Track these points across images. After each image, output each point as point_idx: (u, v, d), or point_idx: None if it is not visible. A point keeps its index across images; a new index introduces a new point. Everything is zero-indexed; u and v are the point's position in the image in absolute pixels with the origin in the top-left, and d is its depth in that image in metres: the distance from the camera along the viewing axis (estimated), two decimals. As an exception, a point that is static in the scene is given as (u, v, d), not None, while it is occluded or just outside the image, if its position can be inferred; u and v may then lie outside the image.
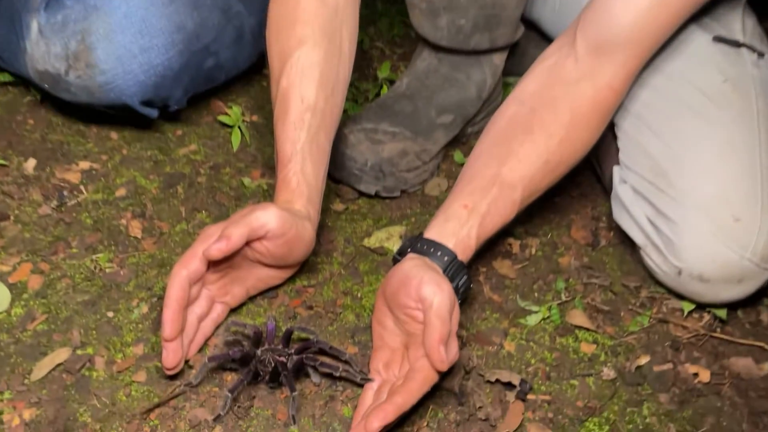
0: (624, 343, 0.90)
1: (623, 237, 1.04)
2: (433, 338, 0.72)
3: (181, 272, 0.77)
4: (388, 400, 0.70)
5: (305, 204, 0.86)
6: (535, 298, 0.95)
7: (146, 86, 1.03)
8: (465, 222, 0.82)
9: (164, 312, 0.75)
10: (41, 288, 0.88)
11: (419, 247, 0.82)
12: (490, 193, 0.83)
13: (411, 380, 0.72)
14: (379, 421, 0.68)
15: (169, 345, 0.75)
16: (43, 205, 1.00)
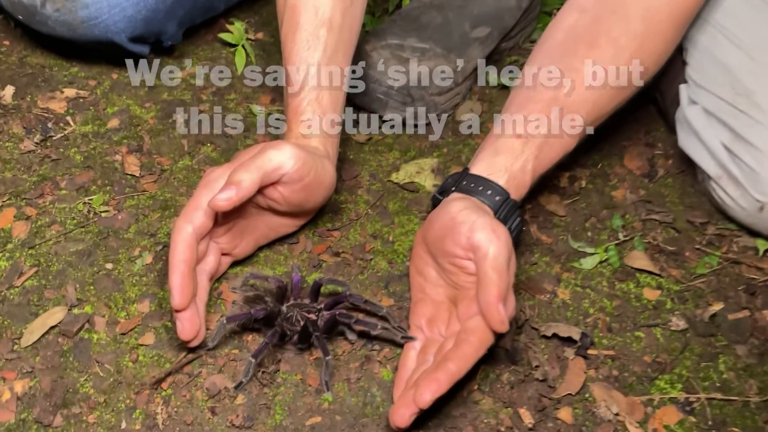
0: (692, 288, 0.79)
1: (685, 166, 0.92)
2: (490, 294, 0.61)
3: (185, 228, 0.65)
4: (439, 368, 0.60)
5: (323, 140, 0.74)
6: (589, 238, 0.84)
7: (135, 21, 0.89)
8: (519, 154, 0.70)
9: (171, 277, 0.64)
10: (28, 236, 0.77)
11: (465, 185, 0.70)
12: (548, 120, 0.71)
13: (464, 343, 0.62)
14: (431, 393, 0.59)
15: (182, 315, 0.64)
16: (24, 139, 0.87)
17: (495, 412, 0.67)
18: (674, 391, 0.70)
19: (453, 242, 0.65)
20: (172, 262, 0.64)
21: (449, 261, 0.66)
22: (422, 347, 0.67)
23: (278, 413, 0.65)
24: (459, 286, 0.66)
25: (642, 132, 0.97)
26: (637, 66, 0.73)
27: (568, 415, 0.67)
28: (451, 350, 0.62)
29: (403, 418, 0.58)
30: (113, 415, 0.63)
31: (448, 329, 0.66)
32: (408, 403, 0.59)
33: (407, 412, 0.59)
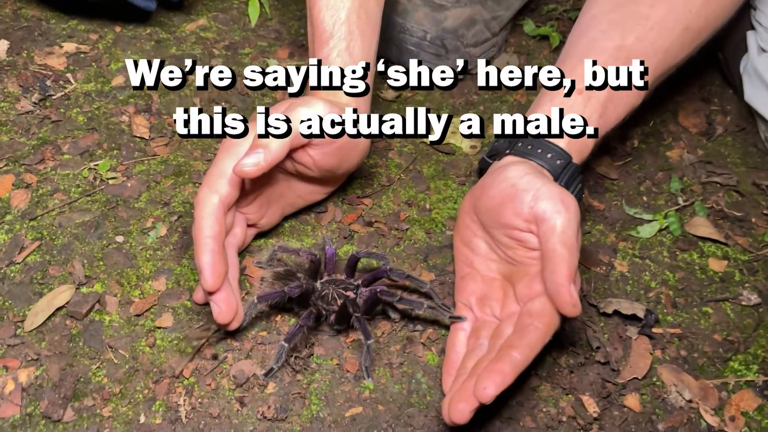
0: (762, 257, 0.72)
1: (745, 122, 0.84)
2: (560, 274, 0.54)
3: (210, 199, 0.58)
4: (503, 358, 0.53)
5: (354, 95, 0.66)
6: (645, 203, 0.76)
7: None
8: (581, 113, 0.62)
9: (200, 256, 0.56)
10: (28, 207, 0.69)
11: (522, 147, 0.62)
12: (614, 72, 0.63)
13: (529, 329, 0.55)
14: (495, 387, 0.51)
15: (217, 296, 0.57)
16: (21, 99, 0.79)
17: (555, 399, 0.60)
18: (750, 374, 0.63)
19: (513, 212, 0.57)
20: (200, 239, 0.56)
21: (506, 233, 0.59)
22: (473, 329, 0.60)
23: (314, 403, 0.58)
24: (516, 261, 0.59)
25: (696, 86, 0.89)
26: (711, 10, 0.64)
27: (636, 402, 0.60)
28: (515, 337, 0.55)
29: (462, 414, 0.51)
30: (130, 407, 0.56)
31: (503, 310, 0.59)
32: (467, 397, 0.52)
33: (467, 407, 0.52)
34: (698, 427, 0.59)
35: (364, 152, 0.68)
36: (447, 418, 0.53)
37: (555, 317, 0.55)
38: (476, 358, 0.56)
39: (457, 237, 0.64)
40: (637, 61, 0.63)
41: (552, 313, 0.55)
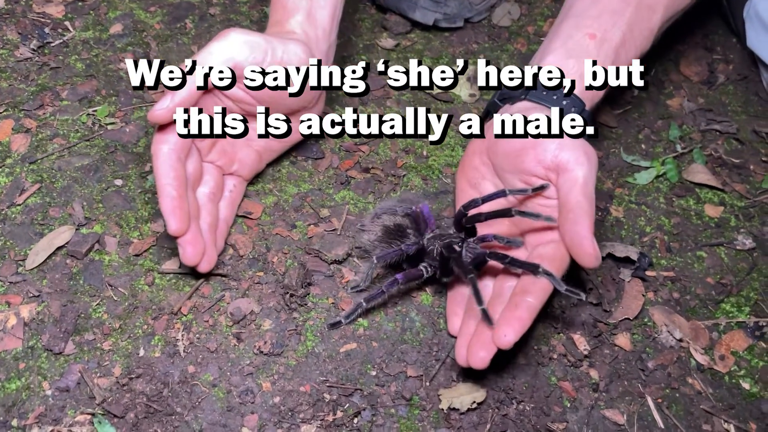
0: (758, 203, 0.72)
1: (747, 70, 0.83)
2: (582, 226, 0.53)
3: (161, 149, 0.58)
4: (520, 305, 0.53)
5: (303, 21, 0.64)
6: (643, 150, 0.76)
7: None
8: (594, 57, 0.60)
9: (161, 203, 0.56)
10: (28, 151, 0.70)
11: (537, 92, 0.60)
12: (624, 17, 0.61)
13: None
14: (515, 333, 0.51)
15: (183, 240, 0.57)
16: (20, 46, 0.79)
17: (546, 338, 0.61)
18: (742, 315, 0.64)
19: (535, 159, 0.56)
20: (159, 187, 0.57)
21: (523, 179, 0.58)
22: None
23: (309, 339, 0.59)
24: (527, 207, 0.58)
25: (699, 35, 0.88)
26: None
27: (627, 342, 0.61)
28: (528, 281, 0.54)
29: (483, 361, 0.52)
30: (130, 341, 0.58)
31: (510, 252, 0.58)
32: (486, 344, 0.52)
33: (487, 354, 0.52)
34: (688, 365, 0.60)
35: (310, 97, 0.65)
36: (464, 362, 0.53)
37: (566, 262, 0.55)
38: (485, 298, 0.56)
39: (462, 178, 0.64)
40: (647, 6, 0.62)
41: (564, 258, 0.55)
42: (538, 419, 0.56)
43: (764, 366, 0.60)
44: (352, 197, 0.70)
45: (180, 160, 0.58)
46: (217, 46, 0.58)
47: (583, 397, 0.58)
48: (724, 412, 0.58)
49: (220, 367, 0.57)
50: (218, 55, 0.58)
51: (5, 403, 0.54)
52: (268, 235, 0.66)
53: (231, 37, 0.59)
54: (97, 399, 0.54)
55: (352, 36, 0.86)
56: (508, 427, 0.55)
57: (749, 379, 0.60)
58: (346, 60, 0.83)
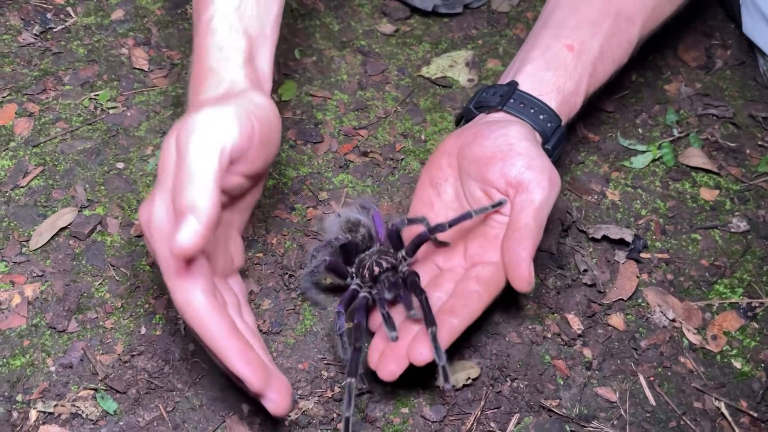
0: (754, 187, 0.73)
1: (744, 56, 0.84)
2: (525, 248, 0.52)
3: (196, 300, 0.46)
4: (442, 324, 0.51)
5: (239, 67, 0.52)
6: (640, 135, 0.77)
7: None
8: (572, 71, 0.60)
9: (236, 367, 0.46)
10: (31, 134, 0.71)
11: (514, 104, 0.59)
12: (603, 29, 0.61)
13: (473, 297, 0.54)
14: (430, 352, 0.50)
15: (269, 393, 0.47)
16: (23, 31, 0.80)
17: (540, 318, 0.62)
18: (735, 296, 0.64)
19: (500, 171, 0.55)
20: (218, 350, 0.46)
21: (483, 188, 0.57)
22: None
23: (308, 318, 0.60)
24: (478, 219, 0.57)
25: (697, 20, 0.88)
26: None
27: (620, 322, 0.62)
28: (458, 302, 0.53)
29: (392, 374, 0.51)
30: (132, 320, 0.59)
31: (447, 261, 0.58)
32: (399, 358, 0.51)
33: (398, 369, 0.51)
34: (680, 345, 0.61)
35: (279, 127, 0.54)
36: (373, 366, 0.52)
37: (500, 286, 0.54)
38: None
39: (425, 175, 0.61)
40: (626, 18, 0.62)
41: (499, 284, 0.54)
42: (532, 396, 0.57)
43: (756, 346, 0.61)
44: (350, 180, 0.71)
45: (217, 299, 0.48)
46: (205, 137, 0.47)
47: (576, 375, 0.59)
48: (716, 390, 0.59)
49: (220, 345, 0.58)
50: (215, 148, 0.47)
51: (10, 379, 0.55)
52: (267, 217, 0.67)
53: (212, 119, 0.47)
54: (99, 375, 0.55)
55: (351, 21, 0.86)
56: (502, 403, 0.56)
57: (741, 359, 0.60)
58: (345, 45, 0.83)
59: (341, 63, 0.82)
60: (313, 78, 0.80)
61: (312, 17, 0.86)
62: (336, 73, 0.81)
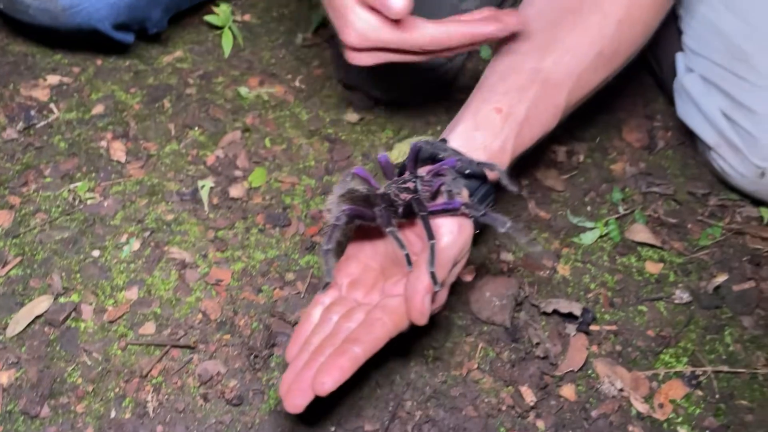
0: (695, 259, 0.77)
1: (685, 137, 0.90)
2: (420, 282, 0.56)
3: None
4: (345, 353, 0.54)
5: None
6: (588, 212, 0.82)
7: (119, 8, 0.87)
8: (499, 131, 0.65)
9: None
10: (12, 226, 0.75)
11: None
12: (530, 94, 0.66)
13: (377, 324, 0.56)
14: (333, 382, 0.52)
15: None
16: (7, 128, 0.85)
17: (496, 390, 0.65)
18: (680, 365, 0.68)
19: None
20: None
21: (403, 233, 0.61)
22: (331, 304, 0.60)
23: (272, 398, 0.63)
24: (399, 260, 0.60)
25: (641, 104, 0.95)
26: (624, 35, 0.68)
27: (571, 392, 0.65)
28: (362, 330, 0.56)
29: (297, 408, 0.53)
30: (102, 404, 0.61)
31: (365, 297, 0.61)
32: (304, 391, 0.53)
33: (303, 401, 0.53)
34: (629, 414, 0.64)
35: None
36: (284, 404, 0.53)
37: (404, 318, 0.57)
38: (323, 334, 0.58)
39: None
40: (553, 85, 0.67)
41: (402, 315, 0.57)
42: (487, 469, 0.59)
43: (700, 413, 0.64)
44: (315, 261, 0.75)
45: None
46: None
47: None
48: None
49: (187, 426, 0.60)
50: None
51: (-18, 466, 0.57)
52: (236, 299, 0.70)
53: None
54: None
55: (320, 111, 0.92)
56: (458, 477, 0.59)
57: (686, 426, 0.64)
58: (313, 133, 0.89)
59: (309, 150, 0.87)
60: (282, 165, 0.85)
61: (282, 108, 0.92)
62: (304, 159, 0.86)
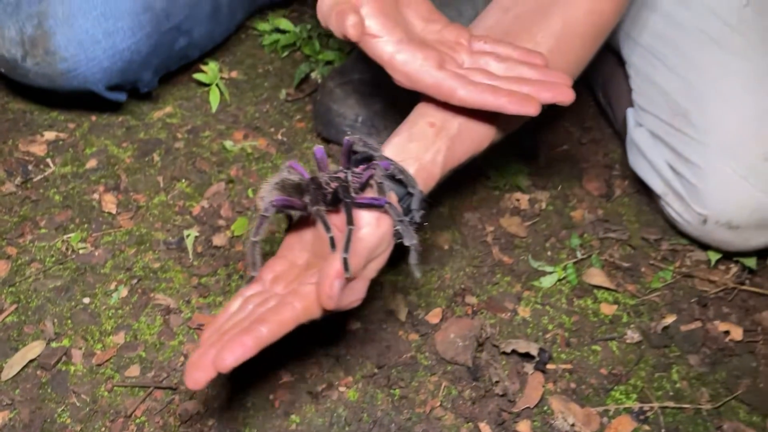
0: (647, 301, 0.83)
1: (639, 185, 0.96)
2: (332, 267, 0.58)
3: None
4: (250, 331, 0.56)
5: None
6: (549, 257, 0.88)
7: (112, 72, 0.94)
8: (431, 144, 0.68)
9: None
10: (8, 275, 0.80)
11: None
12: (463, 112, 0.69)
13: (286, 307, 0.58)
14: (234, 359, 0.54)
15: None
16: (6, 182, 0.91)
17: (456, 427, 0.70)
18: (629, 401, 0.73)
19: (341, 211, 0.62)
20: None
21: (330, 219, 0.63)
22: (251, 295, 0.63)
23: (248, 435, 0.68)
24: (321, 255, 0.63)
25: (600, 154, 1.02)
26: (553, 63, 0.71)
27: (527, 428, 0.70)
28: (270, 311, 0.58)
29: (197, 383, 0.55)
30: (89, 443, 0.66)
31: (285, 288, 0.63)
32: (206, 367, 0.54)
33: (203, 376, 0.54)
34: (579, 448, 0.69)
35: None
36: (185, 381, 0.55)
37: (314, 305, 0.59)
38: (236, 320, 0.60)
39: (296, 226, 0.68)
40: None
41: (313, 300, 0.59)
42: (446, 500, 0.64)
43: (647, 446, 0.69)
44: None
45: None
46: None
47: (486, 479, 0.66)
48: (611, 488, 0.66)
49: (168, 462, 0.65)
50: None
51: (-24, 502, 0.62)
52: (216, 343, 0.75)
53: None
54: (57, 495, 0.62)
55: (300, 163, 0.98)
56: (419, 508, 0.63)
57: (634, 458, 0.68)
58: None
59: (288, 200, 0.93)
60: (262, 215, 0.91)
61: (265, 159, 0.98)
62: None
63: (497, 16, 0.76)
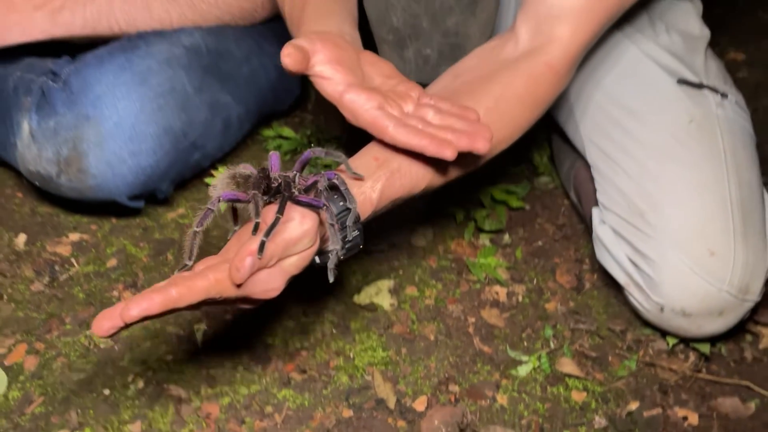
0: (614, 389, 0.91)
1: (607, 278, 1.06)
2: (248, 245, 0.64)
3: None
4: (162, 290, 0.61)
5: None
6: (525, 347, 0.97)
7: (135, 185, 1.06)
8: (372, 173, 0.76)
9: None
10: (37, 369, 0.89)
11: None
12: (405, 153, 0.77)
13: (199, 276, 0.64)
14: (138, 309, 0.59)
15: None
16: (35, 281, 1.01)
17: (438, 508, 0.77)
18: (595, 483, 0.81)
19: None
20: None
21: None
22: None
23: None
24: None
25: (572, 249, 1.12)
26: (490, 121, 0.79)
27: (502, 508, 0.77)
28: (183, 278, 0.63)
29: (101, 330, 0.60)
30: None
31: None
32: (113, 317, 0.60)
33: (108, 324, 0.60)
34: None
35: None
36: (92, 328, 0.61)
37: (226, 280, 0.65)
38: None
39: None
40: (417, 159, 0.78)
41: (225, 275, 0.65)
42: None
43: None
44: (291, 395, 0.89)
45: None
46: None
47: None
48: None
49: None
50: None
51: None
52: (223, 430, 0.84)
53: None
54: None
55: (298, 260, 1.09)
56: None
57: None
58: (292, 281, 1.05)
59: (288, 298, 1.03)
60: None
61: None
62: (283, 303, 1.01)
63: (448, 80, 0.89)
